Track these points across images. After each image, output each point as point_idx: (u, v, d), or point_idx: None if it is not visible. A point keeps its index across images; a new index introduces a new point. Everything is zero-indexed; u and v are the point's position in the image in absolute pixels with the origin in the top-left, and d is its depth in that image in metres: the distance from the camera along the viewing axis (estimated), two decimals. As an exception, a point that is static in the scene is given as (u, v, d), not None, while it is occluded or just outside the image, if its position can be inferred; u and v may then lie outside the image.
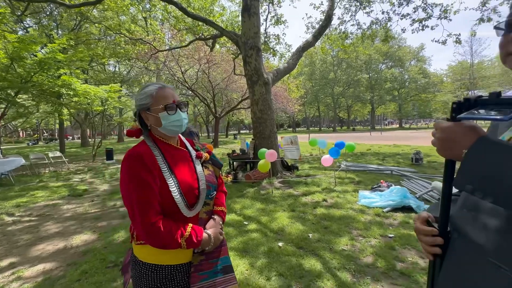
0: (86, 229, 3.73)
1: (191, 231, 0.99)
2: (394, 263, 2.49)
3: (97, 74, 22.14)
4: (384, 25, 10.02)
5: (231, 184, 6.17)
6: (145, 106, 1.06)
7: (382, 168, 7.05)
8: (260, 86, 6.56)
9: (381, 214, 3.73)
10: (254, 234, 3.24)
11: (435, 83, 44.46)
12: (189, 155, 1.15)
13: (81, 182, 7.23)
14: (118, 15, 15.06)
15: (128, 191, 0.95)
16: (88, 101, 11.24)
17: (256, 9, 6.51)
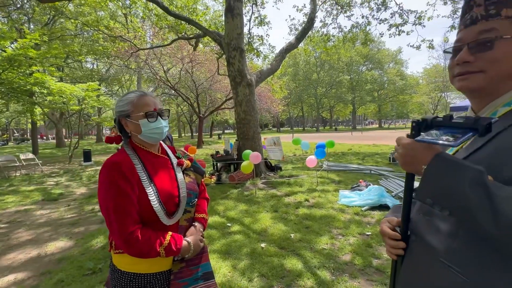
0: (62, 236, 3.58)
1: (170, 239, 0.99)
2: (371, 260, 2.60)
3: (74, 71, 21.15)
4: (364, 29, 10.38)
5: (214, 185, 6.15)
6: (124, 113, 1.05)
7: (361, 167, 7.31)
8: (244, 87, 6.58)
9: (360, 213, 3.89)
10: (237, 236, 3.26)
11: (411, 85, 46.56)
12: (170, 162, 1.15)
13: (56, 186, 6.89)
14: (95, 11, 14.47)
15: (106, 200, 0.94)
16: (64, 100, 10.73)
17: (240, 10, 6.51)
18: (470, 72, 0.65)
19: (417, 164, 0.62)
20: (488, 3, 0.63)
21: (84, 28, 14.75)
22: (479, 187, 0.50)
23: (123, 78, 25.51)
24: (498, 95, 0.64)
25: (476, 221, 0.51)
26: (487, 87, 0.64)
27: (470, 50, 0.64)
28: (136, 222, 0.95)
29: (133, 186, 0.96)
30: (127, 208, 0.94)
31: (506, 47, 0.60)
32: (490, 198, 0.49)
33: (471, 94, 0.69)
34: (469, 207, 0.52)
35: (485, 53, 0.62)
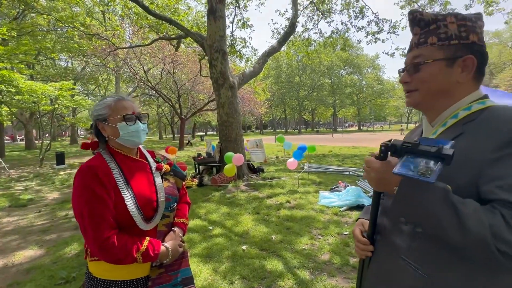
0: (31, 244, 3.38)
1: (147, 245, 0.98)
2: (348, 258, 2.71)
3: (46, 69, 19.97)
4: (343, 35, 10.77)
5: (196, 188, 6.08)
6: (102, 117, 1.04)
7: (341, 169, 7.55)
8: (226, 89, 6.58)
9: (339, 213, 4.02)
10: (219, 239, 3.25)
11: (388, 89, 48.86)
12: (149, 166, 1.14)
13: (25, 191, 6.47)
14: (70, 6, 13.79)
15: (80, 205, 0.92)
16: (35, 99, 10.10)
17: (222, 12, 6.52)
18: (410, 91, 0.76)
19: (389, 185, 0.68)
20: (421, 32, 0.73)
21: (57, 24, 13.99)
22: (447, 206, 0.56)
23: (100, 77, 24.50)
24: (440, 109, 0.73)
25: (448, 237, 0.57)
26: (424, 102, 0.75)
27: (408, 72, 0.76)
28: (112, 227, 0.94)
29: (109, 191, 0.95)
30: (103, 213, 0.92)
31: (430, 69, 0.71)
32: (458, 216, 0.55)
33: (416, 108, 0.79)
34: (441, 226, 0.57)
35: (416, 75, 0.73)
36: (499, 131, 0.60)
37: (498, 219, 0.52)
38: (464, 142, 0.63)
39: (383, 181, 0.68)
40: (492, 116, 0.64)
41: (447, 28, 0.69)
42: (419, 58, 0.73)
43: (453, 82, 0.70)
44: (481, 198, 0.58)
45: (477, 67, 0.68)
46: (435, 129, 0.74)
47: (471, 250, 0.55)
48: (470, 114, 0.67)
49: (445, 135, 0.69)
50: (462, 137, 0.65)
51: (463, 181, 0.61)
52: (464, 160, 0.61)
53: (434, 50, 0.70)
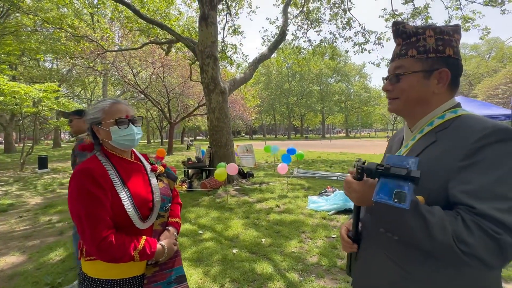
0: (13, 250, 3.26)
1: (144, 243, 1.01)
2: (335, 260, 2.78)
3: (29, 70, 19.35)
4: (331, 44, 11.11)
5: (186, 193, 6.04)
6: (96, 120, 1.07)
7: (329, 174, 7.70)
8: (217, 94, 6.63)
9: (327, 217, 4.11)
10: (209, 243, 3.26)
11: (374, 97, 50.44)
12: (144, 168, 1.17)
13: (5, 196, 6.20)
14: (58, 7, 13.54)
15: (77, 206, 0.94)
16: (17, 101, 9.77)
17: (214, 18, 6.61)
18: (392, 98, 0.83)
19: (368, 201, 0.74)
20: (403, 44, 0.79)
21: (44, 25, 13.67)
22: (417, 217, 0.63)
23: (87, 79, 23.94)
24: (418, 116, 0.81)
25: (420, 244, 0.65)
26: (403, 109, 0.83)
27: (390, 81, 0.83)
28: (110, 227, 0.96)
29: (106, 192, 0.97)
30: (100, 213, 0.94)
31: (409, 80, 0.78)
32: (426, 226, 0.62)
33: (398, 114, 0.86)
34: (413, 235, 0.65)
35: (397, 85, 0.81)
36: (467, 140, 0.66)
37: (459, 224, 0.60)
38: (437, 149, 0.71)
39: (362, 199, 0.75)
40: (462, 125, 0.70)
41: (426, 42, 0.75)
42: (400, 69, 0.79)
43: (429, 92, 0.76)
44: (449, 201, 0.66)
45: (451, 79, 0.75)
46: (413, 135, 0.81)
47: (440, 253, 0.63)
48: (444, 122, 0.74)
49: (422, 141, 0.77)
50: (435, 145, 0.72)
51: (435, 186, 0.68)
52: (436, 167, 0.68)
53: (413, 62, 0.76)
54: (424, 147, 0.75)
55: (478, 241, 0.58)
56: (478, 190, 0.61)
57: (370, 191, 0.71)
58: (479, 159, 0.63)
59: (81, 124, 2.42)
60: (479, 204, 0.60)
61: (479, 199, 0.61)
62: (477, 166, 0.63)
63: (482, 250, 0.57)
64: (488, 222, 0.58)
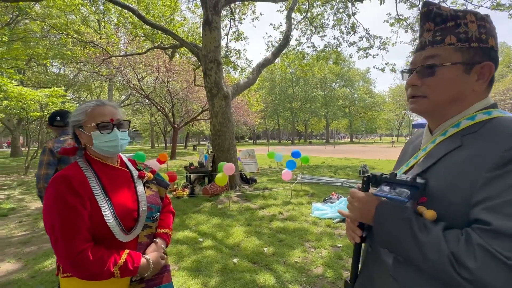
0: (9, 256, 3.19)
1: (126, 258, 0.92)
2: (341, 272, 2.65)
3: (37, 75, 19.68)
4: (335, 50, 11.06)
5: (187, 198, 5.94)
6: (78, 123, 0.99)
7: (334, 180, 7.55)
8: (220, 99, 6.58)
9: (332, 225, 3.97)
10: (209, 251, 3.15)
11: (379, 103, 50.10)
12: (130, 175, 1.08)
13: (7, 200, 6.19)
14: (65, 14, 13.80)
15: (51, 216, 0.85)
16: (23, 105, 9.87)
17: (217, 23, 6.61)
18: (418, 96, 0.69)
19: (370, 215, 0.67)
20: (436, 29, 0.65)
21: (51, 31, 13.93)
22: (411, 237, 0.57)
23: (93, 84, 24.26)
24: (447, 117, 0.68)
25: (418, 265, 0.58)
26: (433, 110, 0.69)
27: (418, 74, 0.68)
28: (87, 240, 0.87)
29: (84, 201, 0.89)
30: (76, 225, 0.85)
31: (446, 73, 0.64)
32: (418, 246, 0.56)
33: (422, 116, 0.73)
34: (408, 255, 0.59)
35: (428, 79, 0.66)
36: (499, 146, 0.54)
37: (461, 246, 0.51)
38: (461, 156, 0.59)
39: (365, 210, 0.68)
40: (494, 128, 0.58)
41: (468, 28, 0.62)
42: (435, 59, 0.65)
43: (469, 89, 0.64)
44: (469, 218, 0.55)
45: None
46: (434, 138, 0.69)
47: (437, 275, 0.55)
48: (473, 125, 0.62)
49: (443, 145, 0.65)
50: (460, 150, 0.60)
51: (456, 199, 0.57)
52: (458, 177, 0.57)
53: (452, 51, 0.63)
54: (445, 152, 0.63)
55: (481, 266, 0.47)
56: (502, 205, 0.50)
57: (371, 204, 0.67)
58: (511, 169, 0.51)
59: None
60: (498, 220, 0.49)
61: (500, 215, 0.50)
62: (508, 178, 0.51)
63: (488, 278, 0.47)
64: (501, 242, 0.48)
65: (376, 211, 0.65)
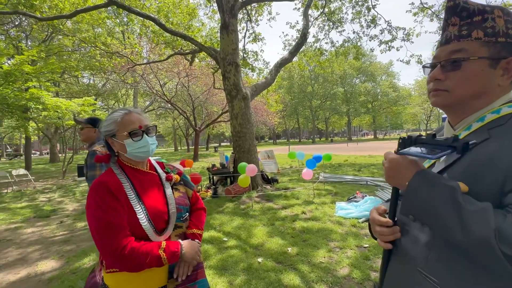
0: (53, 254, 3.48)
1: (166, 243, 1.00)
2: (369, 272, 2.57)
3: (70, 86, 21.21)
4: (355, 44, 10.73)
5: (210, 199, 6.09)
6: (110, 133, 1.05)
7: (357, 178, 7.33)
8: (239, 100, 6.67)
9: (357, 225, 3.86)
10: (234, 251, 3.21)
11: (404, 97, 47.69)
12: (159, 178, 1.14)
13: (48, 202, 6.75)
14: (93, 28, 14.74)
15: (94, 219, 0.93)
16: (59, 115, 10.71)
17: (235, 26, 6.71)
18: (440, 90, 0.68)
19: (400, 179, 0.66)
20: (462, 24, 0.65)
21: (81, 45, 14.97)
22: (452, 204, 0.54)
23: (119, 92, 25.63)
24: (470, 112, 0.67)
25: (451, 236, 0.55)
26: (455, 105, 0.68)
27: (442, 68, 0.68)
28: (128, 236, 0.94)
29: (122, 204, 0.96)
30: (118, 224, 0.93)
31: (471, 68, 0.63)
32: (462, 215, 0.53)
33: (443, 110, 0.72)
34: (444, 224, 0.56)
35: (454, 73, 0.65)
36: None
37: (509, 222, 0.50)
38: (490, 147, 0.59)
39: (395, 173, 0.67)
40: None
41: (495, 23, 0.62)
42: (461, 53, 0.64)
43: (493, 84, 0.64)
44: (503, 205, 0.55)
45: None
46: (458, 132, 0.69)
47: (474, 251, 0.53)
48: (499, 118, 0.62)
49: (468, 139, 0.64)
50: (488, 143, 0.60)
51: (487, 185, 0.57)
52: (487, 168, 0.57)
53: (479, 46, 0.63)
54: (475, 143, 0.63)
55: None
56: None
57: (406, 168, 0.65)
58: None
59: (91, 134, 2.42)
60: None
61: None
62: None
63: None
64: None
65: (416, 176, 0.62)
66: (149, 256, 0.92)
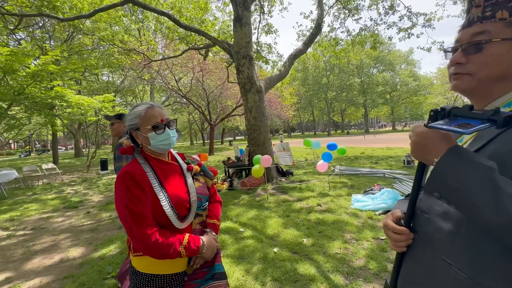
0: (82, 241, 3.74)
1: (188, 239, 1.06)
2: (386, 264, 2.57)
3: (91, 84, 22.10)
4: (373, 33, 10.32)
5: (226, 191, 6.22)
6: (134, 126, 1.12)
7: (374, 171, 7.18)
8: (254, 94, 6.68)
9: (374, 217, 3.83)
10: (250, 241, 3.29)
11: (425, 86, 45.45)
12: (180, 168, 1.21)
13: (75, 194, 7.18)
14: (111, 26, 15.18)
15: (122, 207, 1.00)
16: (82, 111, 11.24)
17: (248, 19, 6.67)
18: (461, 73, 0.66)
19: (428, 154, 0.61)
20: (487, 4, 0.62)
21: (100, 43, 15.49)
22: (489, 184, 0.50)
23: (136, 89, 26.39)
24: (494, 96, 0.64)
25: (481, 216, 0.52)
26: (477, 89, 0.66)
27: (464, 51, 0.65)
28: (153, 225, 1.01)
29: (146, 193, 1.02)
30: (143, 212, 1.00)
31: (495, 50, 0.61)
32: (497, 194, 0.49)
33: (465, 94, 0.69)
34: (475, 203, 0.52)
35: (476, 56, 0.63)
36: None
37: None
38: None
39: (423, 147, 0.61)
40: None
41: None
42: (484, 35, 0.62)
43: None
44: None
45: None
46: None
47: (504, 232, 0.50)
48: None
49: None
50: None
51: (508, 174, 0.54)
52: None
53: (503, 27, 0.60)
54: (499, 131, 0.58)
55: None
56: None
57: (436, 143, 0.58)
58: None
59: (121, 128, 2.67)
60: None
61: None
62: None
63: None
64: None
65: (449, 152, 0.57)
66: (170, 249, 1.00)
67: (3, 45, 9.86)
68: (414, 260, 0.72)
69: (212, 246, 1.14)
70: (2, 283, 2.71)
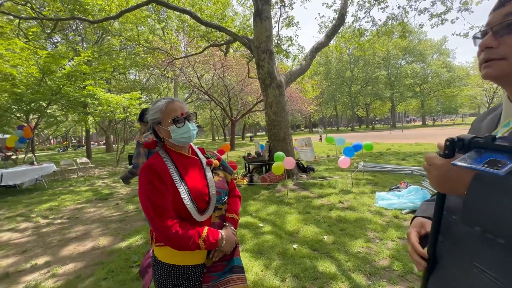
0: (111, 231, 3.97)
1: (207, 232, 1.08)
2: (412, 266, 2.43)
3: (119, 83, 23.27)
4: (401, 21, 9.71)
5: (246, 186, 6.26)
6: (156, 121, 1.15)
7: (401, 168, 6.82)
8: (274, 89, 6.62)
9: (399, 216, 3.64)
10: (269, 236, 3.29)
11: (460, 77, 42.04)
12: (200, 162, 1.22)
13: (106, 187, 7.65)
14: (137, 27, 15.81)
15: (145, 199, 1.04)
16: (111, 109, 11.90)
17: (268, 13, 6.58)
18: (493, 59, 0.59)
19: (456, 186, 0.57)
20: None
21: (127, 43, 16.23)
22: None
23: (161, 86, 27.34)
24: None
25: None
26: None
27: (494, 34, 0.58)
28: (174, 218, 1.04)
29: (168, 186, 1.05)
30: (164, 205, 1.03)
31: None
32: None
33: (498, 83, 0.61)
34: None
35: (508, 37, 0.56)
36: None
37: None
38: None
39: (448, 180, 0.57)
40: None
41: None
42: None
43: None
44: None
45: None
46: None
47: None
48: None
49: None
50: None
51: None
52: None
53: None
54: None
55: None
56: None
57: (459, 173, 0.55)
58: None
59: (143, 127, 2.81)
60: None
61: None
62: None
63: None
64: None
65: (473, 182, 0.53)
66: (190, 241, 1.02)
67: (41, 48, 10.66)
68: (441, 266, 0.67)
69: (230, 240, 1.15)
70: (42, 266, 2.97)
